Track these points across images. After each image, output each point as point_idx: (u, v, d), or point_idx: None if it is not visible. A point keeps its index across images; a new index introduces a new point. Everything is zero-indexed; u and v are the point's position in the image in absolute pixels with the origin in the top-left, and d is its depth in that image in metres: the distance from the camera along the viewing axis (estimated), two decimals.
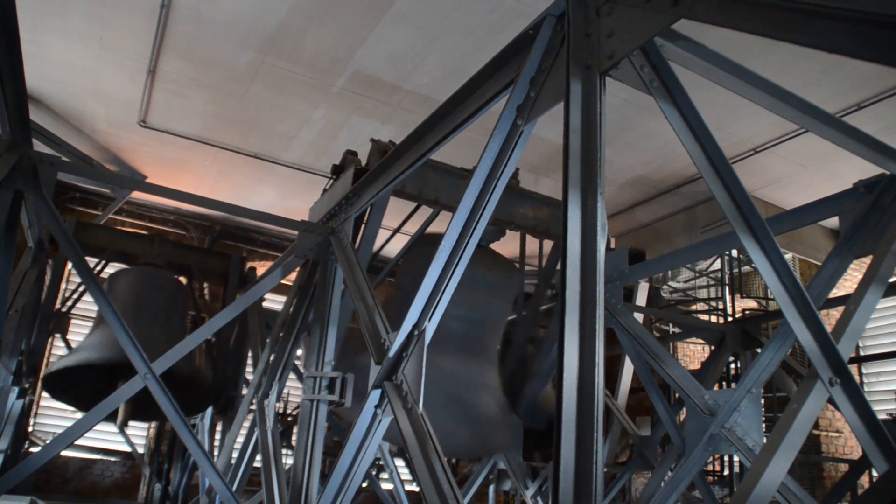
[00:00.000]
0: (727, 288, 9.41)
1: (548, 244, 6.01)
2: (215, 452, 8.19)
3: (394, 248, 7.10)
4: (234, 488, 5.07)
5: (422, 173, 4.80)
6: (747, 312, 9.72)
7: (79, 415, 8.73)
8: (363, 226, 4.97)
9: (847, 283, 8.86)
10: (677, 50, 2.45)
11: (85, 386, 7.28)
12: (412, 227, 6.37)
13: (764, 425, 6.06)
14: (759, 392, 4.08)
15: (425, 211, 5.69)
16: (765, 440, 3.50)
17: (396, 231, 6.30)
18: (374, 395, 3.20)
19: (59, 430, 4.96)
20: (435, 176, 4.94)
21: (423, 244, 5.51)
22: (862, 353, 9.62)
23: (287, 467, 4.72)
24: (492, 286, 5.21)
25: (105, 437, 10.41)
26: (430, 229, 5.78)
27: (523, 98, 2.63)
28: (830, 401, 2.62)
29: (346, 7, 6.02)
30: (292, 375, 6.30)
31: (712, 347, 6.57)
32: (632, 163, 8.43)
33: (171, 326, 7.69)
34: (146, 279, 7.75)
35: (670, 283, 10.53)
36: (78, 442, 8.71)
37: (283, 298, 6.99)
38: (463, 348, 4.97)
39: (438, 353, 4.52)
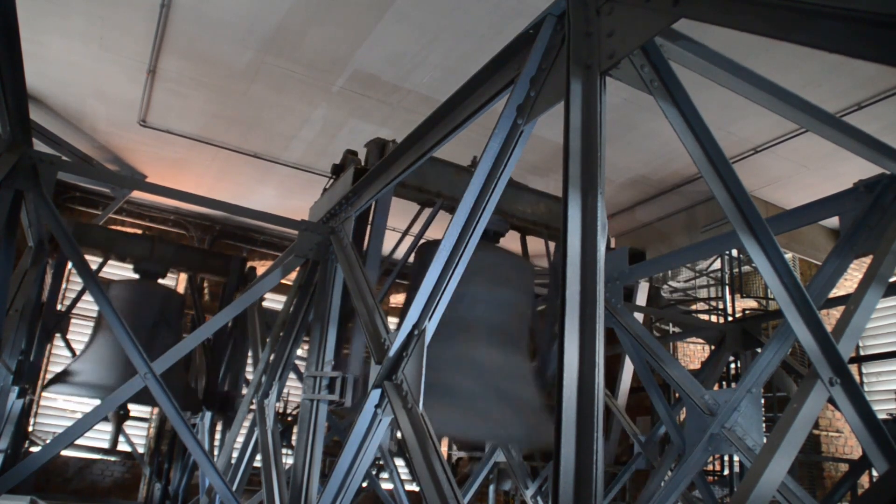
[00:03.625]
0: (727, 288, 9.41)
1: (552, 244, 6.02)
2: (215, 452, 8.19)
3: (401, 249, 7.09)
4: (234, 488, 5.07)
5: (420, 170, 4.80)
6: (747, 312, 9.72)
7: (79, 415, 8.74)
8: (369, 226, 4.96)
9: (847, 283, 8.86)
10: (678, 49, 2.45)
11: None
12: (416, 228, 6.37)
13: (764, 425, 6.06)
14: (759, 392, 4.08)
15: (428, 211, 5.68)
16: (765, 440, 3.50)
17: (406, 233, 6.27)
18: (374, 395, 3.20)
19: (59, 430, 4.96)
20: (434, 170, 4.95)
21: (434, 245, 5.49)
22: (862, 353, 9.62)
23: (287, 467, 4.72)
24: (511, 277, 5.13)
25: (105, 437, 10.40)
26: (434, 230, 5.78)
27: (523, 98, 2.63)
28: (830, 401, 2.61)
29: (346, 7, 6.02)
30: (292, 375, 6.30)
31: (712, 347, 6.57)
32: (632, 163, 8.43)
33: (164, 339, 7.70)
34: (138, 293, 7.76)
35: (670, 282, 10.53)
36: (78, 442, 8.72)
37: (283, 298, 6.99)
38: (495, 339, 4.81)
39: (472, 342, 4.45)
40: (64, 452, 9.59)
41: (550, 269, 6.12)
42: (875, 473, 7.10)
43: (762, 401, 6.36)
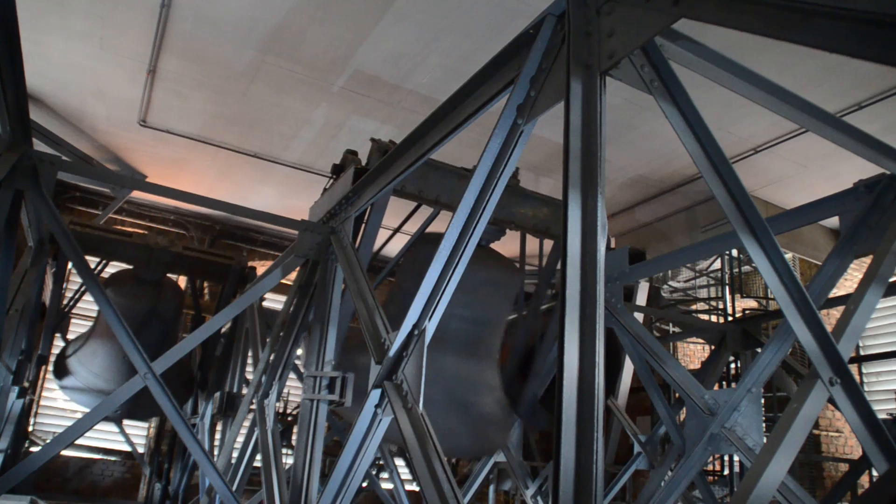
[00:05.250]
0: (727, 288, 9.41)
1: (548, 244, 6.01)
2: (215, 452, 8.19)
3: (394, 247, 7.10)
4: (234, 488, 5.07)
5: (422, 173, 4.80)
6: (747, 312, 9.72)
7: (79, 415, 8.74)
8: (363, 225, 4.97)
9: (847, 283, 8.86)
10: (678, 49, 2.45)
11: None
12: (412, 226, 6.37)
13: (764, 425, 6.06)
14: (759, 392, 4.08)
15: (425, 210, 5.69)
16: (765, 440, 3.50)
17: (397, 231, 6.29)
18: (374, 395, 3.20)
19: (59, 430, 4.95)
20: (435, 175, 4.93)
21: (424, 243, 5.51)
22: (862, 353, 9.62)
23: (287, 467, 4.72)
24: (493, 286, 5.21)
25: (105, 436, 10.40)
26: (431, 229, 5.78)
27: (523, 97, 2.63)
28: (830, 401, 2.61)
29: (346, 6, 6.02)
30: (292, 375, 6.29)
31: (712, 347, 6.57)
32: (632, 163, 8.43)
33: (164, 335, 7.71)
34: (136, 291, 7.76)
35: (670, 282, 10.53)
36: (78, 442, 8.72)
37: (283, 298, 6.99)
38: (463, 348, 4.97)
39: (438, 352, 4.54)
40: (64, 452, 9.59)
41: (539, 270, 6.18)
42: (875, 473, 7.10)
43: (762, 401, 6.36)
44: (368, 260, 5.08)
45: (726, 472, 8.95)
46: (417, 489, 5.36)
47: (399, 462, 8.62)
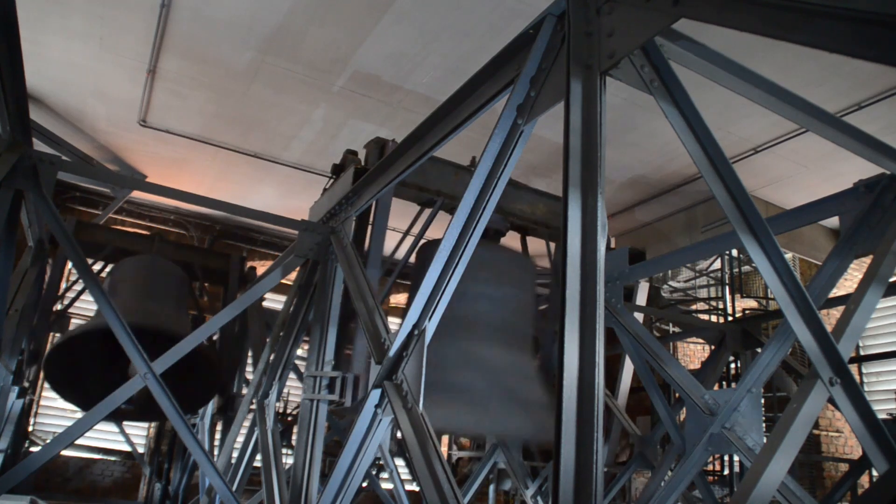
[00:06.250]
0: (727, 288, 9.41)
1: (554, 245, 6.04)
2: (215, 452, 8.19)
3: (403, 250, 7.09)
4: (234, 488, 5.07)
5: (421, 168, 4.81)
6: (747, 312, 9.72)
7: (79, 414, 8.74)
8: (370, 227, 4.98)
9: (847, 283, 8.86)
10: (678, 49, 2.45)
11: (87, 383, 7.29)
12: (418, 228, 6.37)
13: (764, 425, 6.07)
14: (759, 392, 4.08)
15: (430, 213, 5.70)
16: (765, 440, 3.50)
17: (406, 233, 6.27)
18: (374, 395, 3.20)
19: (59, 430, 4.95)
20: (434, 170, 4.97)
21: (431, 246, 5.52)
22: (862, 353, 9.62)
23: (287, 467, 4.72)
24: (513, 275, 5.13)
25: (105, 436, 10.41)
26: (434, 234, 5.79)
27: (523, 97, 2.63)
28: (830, 401, 2.61)
29: (346, 7, 6.02)
30: (292, 375, 6.29)
31: (712, 347, 6.57)
32: (632, 163, 8.43)
33: (179, 307, 7.67)
34: (157, 264, 7.77)
35: (670, 282, 10.53)
36: (78, 441, 8.71)
37: (283, 298, 6.99)
38: (499, 336, 4.78)
39: (475, 340, 4.49)
40: (64, 452, 9.59)
41: (552, 268, 6.17)
42: (875, 473, 7.10)
43: (762, 401, 6.37)
44: (380, 261, 5.03)
45: (726, 472, 8.95)
46: (417, 489, 5.36)
47: (399, 462, 8.62)
